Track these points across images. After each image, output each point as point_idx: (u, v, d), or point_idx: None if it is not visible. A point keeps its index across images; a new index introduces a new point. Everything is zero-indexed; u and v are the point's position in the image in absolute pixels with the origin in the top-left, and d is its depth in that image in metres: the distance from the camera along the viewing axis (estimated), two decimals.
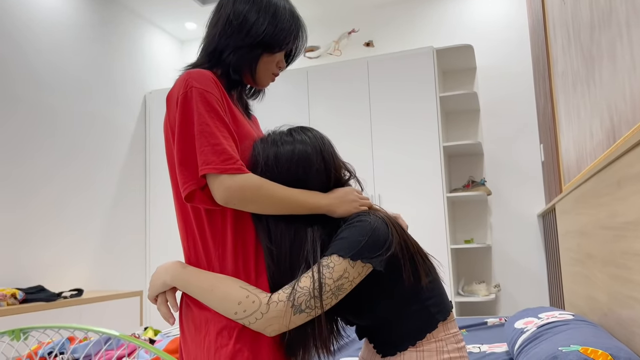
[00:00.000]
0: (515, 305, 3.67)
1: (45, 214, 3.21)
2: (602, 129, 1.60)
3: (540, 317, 1.68)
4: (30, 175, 3.12)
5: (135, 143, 4.10)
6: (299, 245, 1.04)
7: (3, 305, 2.52)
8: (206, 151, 1.00)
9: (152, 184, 4.16)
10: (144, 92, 4.26)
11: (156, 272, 1.09)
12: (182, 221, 1.11)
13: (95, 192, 3.63)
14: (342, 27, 4.38)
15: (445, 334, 1.05)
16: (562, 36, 2.25)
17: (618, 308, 1.40)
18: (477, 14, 3.99)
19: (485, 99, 3.90)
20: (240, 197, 1.00)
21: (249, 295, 0.98)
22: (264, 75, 1.20)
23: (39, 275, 3.12)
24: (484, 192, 3.46)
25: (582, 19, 1.80)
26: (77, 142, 3.51)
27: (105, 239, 3.69)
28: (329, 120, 3.72)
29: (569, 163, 2.32)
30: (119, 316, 3.12)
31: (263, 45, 1.15)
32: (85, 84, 3.62)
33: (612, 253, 1.43)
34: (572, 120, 2.16)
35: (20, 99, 3.10)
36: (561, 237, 2.56)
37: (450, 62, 3.79)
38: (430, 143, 3.45)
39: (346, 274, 0.98)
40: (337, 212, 1.07)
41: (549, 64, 2.76)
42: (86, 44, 3.66)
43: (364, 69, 3.69)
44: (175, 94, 1.06)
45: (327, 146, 1.11)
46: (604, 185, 1.49)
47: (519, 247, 3.70)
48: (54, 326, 0.52)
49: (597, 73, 1.62)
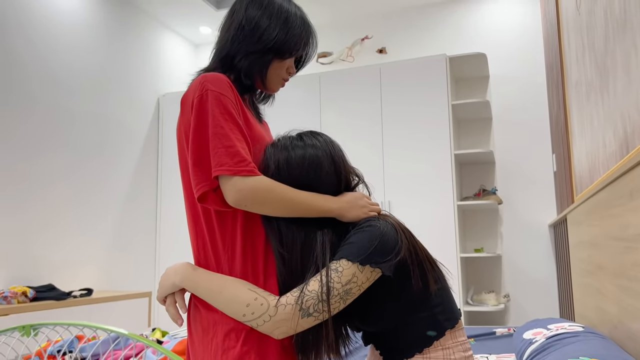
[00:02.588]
0: (524, 315, 3.64)
1: (58, 213, 3.24)
2: (616, 140, 1.58)
3: (549, 328, 1.66)
4: (43, 175, 3.16)
5: (148, 145, 4.14)
6: (309, 249, 1.04)
7: (14, 302, 2.55)
8: (220, 153, 1.01)
9: (163, 186, 4.19)
10: (157, 95, 4.29)
11: (165, 273, 1.10)
12: (193, 223, 1.12)
13: (107, 193, 3.66)
14: (355, 33, 4.40)
15: (453, 342, 1.04)
16: (577, 46, 2.24)
17: (629, 321, 1.38)
18: (491, 22, 3.99)
19: (498, 107, 3.88)
20: (252, 199, 1.01)
21: (257, 297, 0.99)
22: (274, 80, 1.21)
23: (49, 274, 3.15)
24: (495, 201, 3.44)
25: (596, 29, 1.79)
26: (91, 143, 3.55)
27: (116, 239, 3.72)
28: (340, 126, 3.73)
29: (581, 173, 2.30)
30: (128, 316, 3.14)
31: (274, 51, 1.16)
32: (99, 85, 3.66)
33: (623, 265, 1.42)
34: (585, 130, 2.14)
35: (37, 99, 3.14)
36: (572, 247, 2.53)
37: (463, 70, 3.78)
38: (441, 151, 3.44)
39: (355, 278, 0.98)
40: (347, 217, 1.07)
41: (563, 74, 2.75)
42: (101, 45, 3.71)
43: (377, 76, 3.69)
44: (191, 96, 1.07)
45: (337, 150, 1.12)
46: (617, 197, 1.48)
47: (529, 257, 3.67)
48: (63, 323, 0.52)
49: (611, 83, 1.61)
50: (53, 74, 3.28)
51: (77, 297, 2.87)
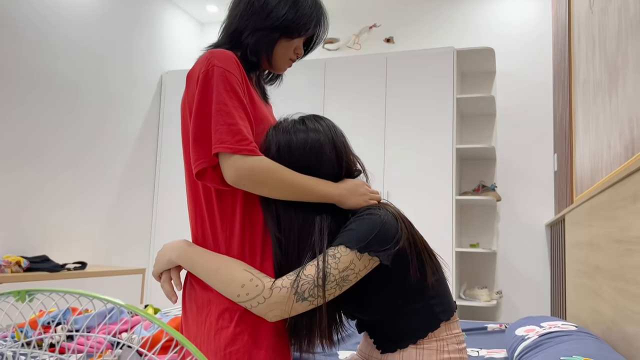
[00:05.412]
0: (515, 313, 3.65)
1: (55, 186, 3.23)
2: (621, 141, 1.57)
3: (543, 326, 1.66)
4: (42, 148, 3.13)
5: (149, 122, 4.11)
6: (306, 234, 1.03)
7: (7, 272, 2.54)
8: (221, 130, 0.99)
9: (162, 164, 4.17)
10: (160, 72, 4.26)
11: (162, 249, 1.09)
12: (192, 200, 1.11)
13: (105, 167, 3.64)
14: (363, 21, 4.35)
15: (447, 333, 1.04)
16: (587, 44, 2.22)
17: (624, 323, 1.38)
18: (501, 17, 3.95)
19: (502, 103, 3.86)
20: (250, 178, 0.99)
21: (253, 278, 0.98)
22: (281, 59, 1.19)
23: (44, 246, 3.14)
24: (493, 198, 3.43)
25: (609, 28, 1.77)
26: (91, 117, 3.52)
27: (112, 215, 3.71)
28: (343, 113, 3.71)
29: (583, 174, 2.29)
30: (121, 292, 3.14)
31: (281, 30, 1.14)
32: (102, 60, 3.62)
33: (622, 267, 1.41)
34: (590, 130, 2.13)
35: (38, 72, 3.11)
36: (569, 248, 2.53)
37: (470, 64, 3.75)
38: (443, 144, 3.43)
39: (352, 265, 0.97)
40: (346, 204, 1.06)
41: (571, 72, 2.72)
42: (106, 19, 3.66)
43: (383, 65, 3.66)
44: (197, 71, 1.05)
45: (340, 136, 1.10)
46: (619, 198, 1.47)
47: (524, 256, 3.68)
48: (60, 290, 0.51)
49: (620, 83, 1.59)
50: (56, 48, 3.24)
51: (71, 269, 2.87)
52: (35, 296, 0.52)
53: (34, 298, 0.51)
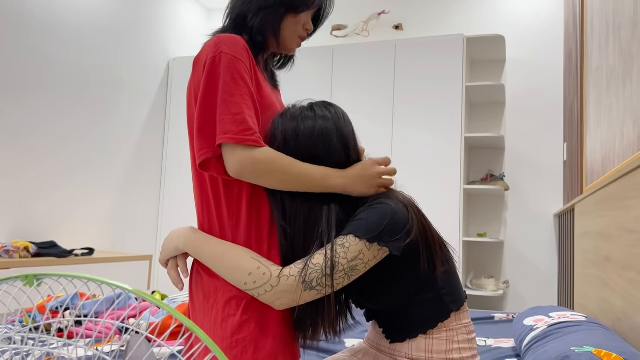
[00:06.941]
0: (523, 303, 3.64)
1: (62, 171, 3.23)
2: (635, 130, 1.54)
3: (551, 317, 1.65)
4: (50, 134, 3.14)
5: (156, 108, 4.10)
6: (313, 224, 1.01)
7: (15, 257, 2.55)
8: (226, 120, 0.97)
9: (169, 151, 4.17)
10: (167, 59, 4.24)
11: (169, 236, 1.08)
12: (198, 188, 1.09)
13: (113, 154, 3.65)
14: (372, 7, 4.30)
15: (457, 324, 1.03)
16: (601, 31, 2.18)
17: (634, 314, 1.37)
18: (511, 4, 3.89)
19: (512, 92, 3.82)
20: (253, 170, 0.97)
21: (260, 266, 0.97)
22: (290, 38, 1.16)
23: (52, 231, 3.16)
24: (501, 187, 3.41)
25: (624, 14, 1.73)
26: (98, 103, 3.51)
27: (120, 201, 3.72)
28: (351, 100, 3.68)
29: (594, 164, 2.26)
30: (128, 279, 3.15)
31: (287, 5, 1.11)
32: (109, 45, 3.61)
33: (634, 257, 1.39)
34: (602, 119, 2.09)
35: (44, 57, 3.10)
36: (577, 238, 2.51)
37: (479, 51, 3.71)
38: (452, 132, 3.40)
39: (361, 255, 0.95)
40: (353, 193, 1.04)
41: (583, 60, 2.68)
42: (114, 6, 3.64)
43: (391, 52, 3.62)
44: (204, 57, 1.03)
45: (347, 123, 1.08)
46: (632, 188, 1.45)
47: (532, 246, 3.66)
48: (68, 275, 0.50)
49: (635, 71, 1.56)
50: (62, 32, 3.23)
51: (79, 255, 2.88)
52: (43, 280, 0.51)
53: (42, 282, 0.50)
